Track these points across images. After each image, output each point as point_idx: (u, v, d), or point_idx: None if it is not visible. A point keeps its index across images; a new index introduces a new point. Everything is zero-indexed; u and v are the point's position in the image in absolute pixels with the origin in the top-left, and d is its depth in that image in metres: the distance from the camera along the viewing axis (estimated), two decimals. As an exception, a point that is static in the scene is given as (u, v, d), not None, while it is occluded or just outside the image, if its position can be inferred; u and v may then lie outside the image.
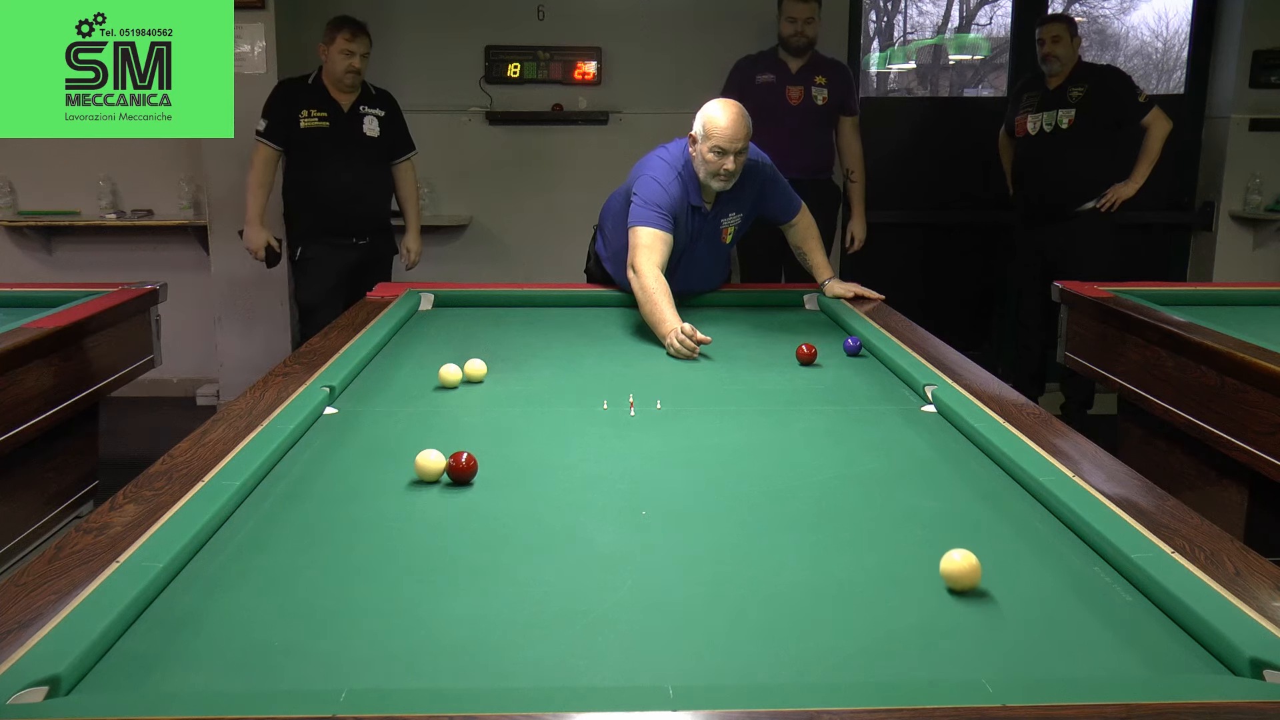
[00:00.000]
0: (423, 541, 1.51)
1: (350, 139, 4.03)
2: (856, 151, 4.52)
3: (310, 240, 4.07)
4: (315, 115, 3.99)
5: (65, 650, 1.10)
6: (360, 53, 3.95)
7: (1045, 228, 4.51)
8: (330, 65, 3.97)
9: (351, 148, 4.04)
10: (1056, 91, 4.39)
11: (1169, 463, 2.90)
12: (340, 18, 3.99)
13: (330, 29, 3.96)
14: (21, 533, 2.80)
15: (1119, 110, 4.35)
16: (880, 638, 1.23)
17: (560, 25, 4.96)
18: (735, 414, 2.16)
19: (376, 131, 4.10)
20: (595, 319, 3.11)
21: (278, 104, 4.02)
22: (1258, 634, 1.15)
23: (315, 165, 4.01)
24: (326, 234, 4.05)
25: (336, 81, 3.98)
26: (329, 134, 4.00)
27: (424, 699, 1.04)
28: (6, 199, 4.98)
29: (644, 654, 1.19)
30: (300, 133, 3.99)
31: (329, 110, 4.01)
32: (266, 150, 4.02)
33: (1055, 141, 4.39)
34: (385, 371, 2.46)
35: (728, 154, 2.93)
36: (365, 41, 3.97)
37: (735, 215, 3.16)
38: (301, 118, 3.98)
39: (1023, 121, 4.49)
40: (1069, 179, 4.40)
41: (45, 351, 2.65)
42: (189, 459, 1.71)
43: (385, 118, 4.13)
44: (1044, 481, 1.62)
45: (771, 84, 4.39)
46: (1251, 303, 3.26)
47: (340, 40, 3.91)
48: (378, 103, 4.13)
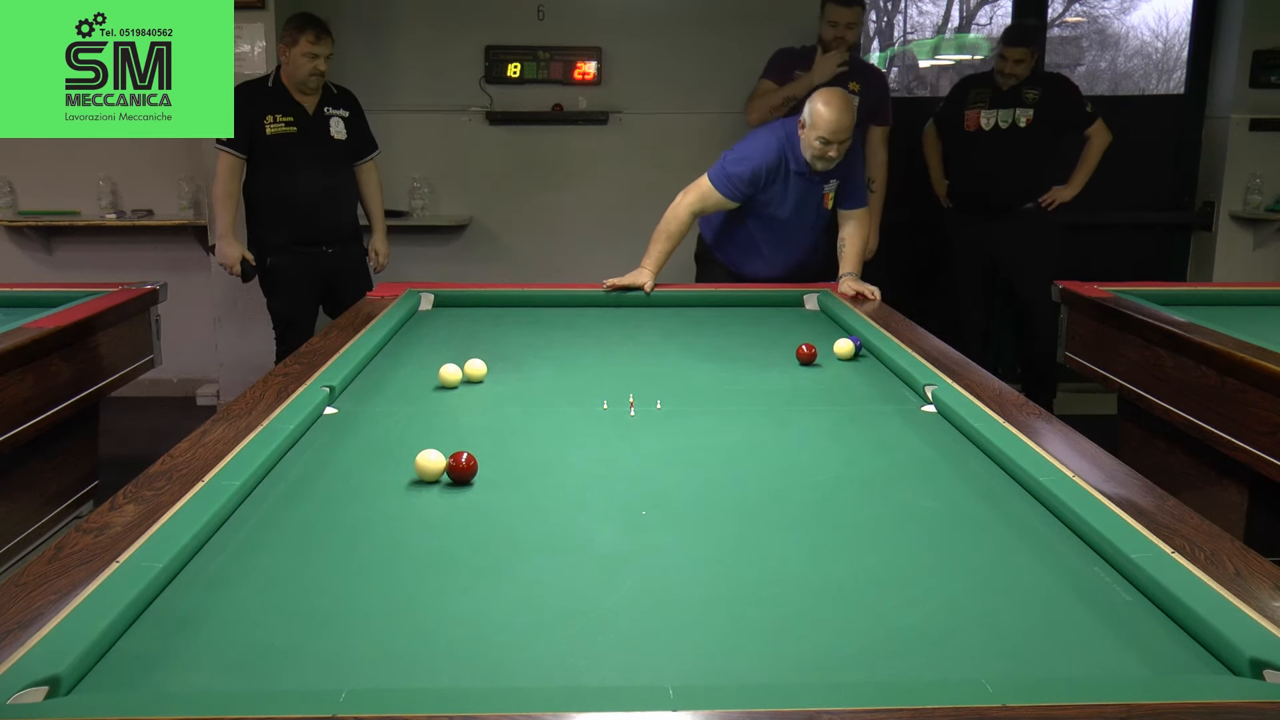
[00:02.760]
0: (423, 541, 1.51)
1: (318, 143, 3.87)
2: (881, 160, 4.52)
3: (278, 250, 3.90)
4: (281, 120, 3.81)
5: (65, 650, 1.10)
6: (325, 54, 3.77)
7: (988, 223, 4.58)
8: (292, 67, 3.78)
9: (320, 152, 3.88)
10: (1011, 92, 4.49)
11: (1169, 463, 2.90)
12: (302, 17, 3.79)
13: (291, 29, 3.75)
14: (21, 533, 2.80)
15: (1069, 115, 4.50)
16: (880, 638, 1.23)
17: (560, 25, 4.96)
18: (735, 414, 2.16)
19: (344, 134, 3.95)
20: (595, 319, 3.11)
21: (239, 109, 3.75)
22: (1258, 634, 1.15)
23: (284, 172, 3.83)
24: (296, 243, 3.89)
25: (299, 84, 3.81)
26: (296, 139, 3.82)
27: (424, 699, 1.04)
28: (6, 199, 4.98)
29: (644, 654, 1.19)
30: (266, 139, 3.79)
31: (294, 114, 3.83)
32: (230, 159, 3.82)
33: (1011, 138, 4.49)
34: (385, 371, 2.46)
35: (831, 144, 3.22)
36: (330, 43, 3.79)
37: (834, 182, 3.43)
38: (267, 124, 3.79)
39: (974, 116, 4.55)
40: (1023, 175, 4.51)
41: (45, 351, 2.65)
42: (189, 459, 1.71)
43: (350, 118, 3.97)
44: (1044, 481, 1.62)
45: None
46: (1251, 303, 3.26)
47: (304, 42, 3.72)
48: (340, 102, 3.96)
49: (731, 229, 3.57)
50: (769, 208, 3.43)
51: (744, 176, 3.36)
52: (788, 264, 3.57)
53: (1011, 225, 4.55)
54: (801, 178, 3.37)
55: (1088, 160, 4.51)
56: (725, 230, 3.60)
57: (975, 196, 4.63)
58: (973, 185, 4.65)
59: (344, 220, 4.03)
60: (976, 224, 4.63)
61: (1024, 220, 4.54)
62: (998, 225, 4.57)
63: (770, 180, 3.38)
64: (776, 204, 3.41)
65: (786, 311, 3.21)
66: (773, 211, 3.44)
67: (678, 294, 3.36)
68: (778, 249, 3.52)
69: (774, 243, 3.51)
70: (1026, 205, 4.53)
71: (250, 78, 3.99)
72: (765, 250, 3.56)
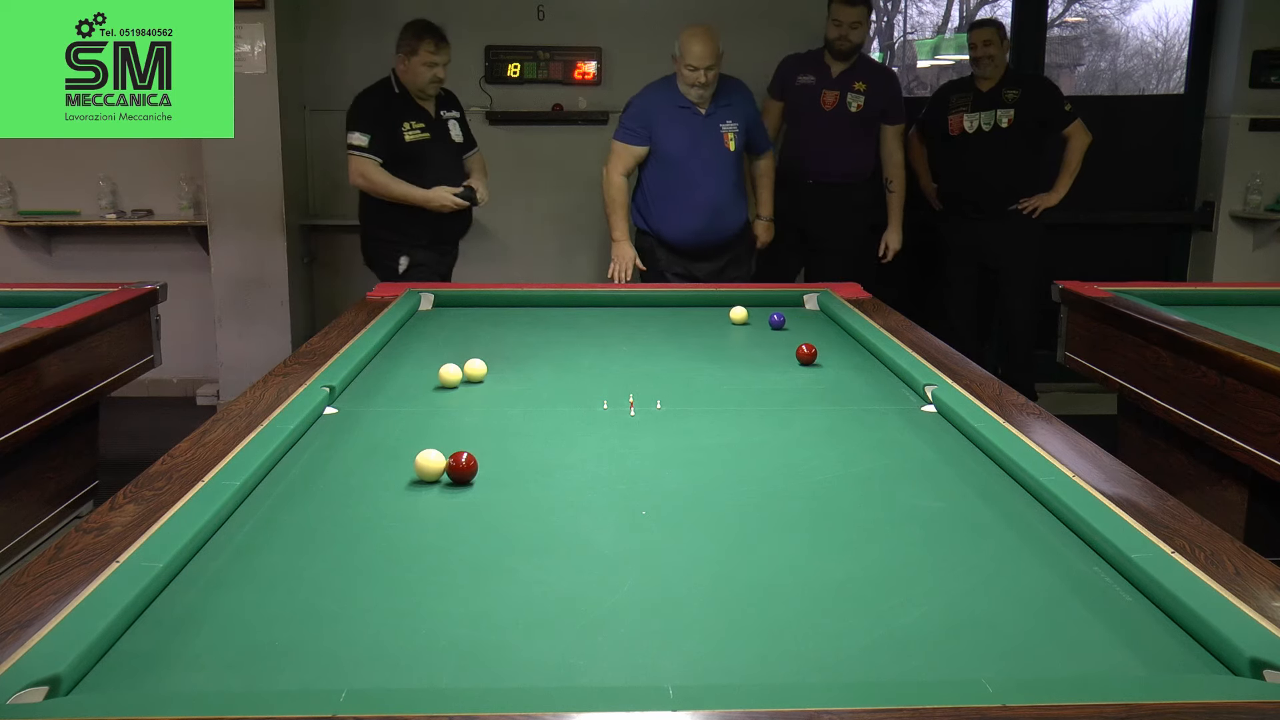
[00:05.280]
0: (423, 541, 1.51)
1: (446, 148, 3.96)
2: (898, 160, 4.53)
3: (418, 248, 3.95)
4: (416, 127, 3.86)
5: (65, 650, 1.10)
6: (444, 62, 3.83)
7: (979, 224, 4.62)
8: (412, 76, 3.82)
9: (447, 155, 3.97)
10: (991, 93, 4.52)
11: (1169, 463, 2.90)
12: (419, 25, 3.84)
13: (410, 39, 3.81)
14: (21, 533, 2.80)
15: (1049, 113, 4.54)
16: (880, 638, 1.23)
17: (560, 25, 4.96)
18: (735, 414, 2.16)
19: (459, 136, 4.03)
20: (595, 319, 3.11)
21: (379, 117, 3.85)
22: (1258, 634, 1.15)
23: (420, 177, 3.87)
24: (435, 242, 3.97)
25: (418, 92, 3.87)
26: (429, 145, 3.89)
27: (424, 699, 1.04)
28: (6, 199, 4.99)
29: (644, 654, 1.19)
30: (405, 146, 3.85)
31: (424, 120, 3.90)
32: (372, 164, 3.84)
33: (994, 140, 4.53)
34: (385, 371, 2.46)
35: (698, 69, 3.74)
36: (448, 50, 3.85)
37: (733, 124, 3.88)
38: (405, 131, 3.84)
39: (957, 120, 4.59)
40: (1008, 175, 4.55)
41: (45, 351, 2.65)
42: (189, 459, 1.71)
43: (460, 119, 4.07)
44: (1044, 481, 1.62)
45: (810, 86, 4.40)
46: (1251, 303, 3.26)
47: (424, 52, 3.78)
48: (451, 104, 4.05)
49: (646, 186, 3.99)
50: (667, 146, 3.88)
51: (635, 115, 3.92)
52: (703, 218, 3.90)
53: (1000, 226, 4.59)
54: (690, 113, 3.84)
55: (1069, 164, 4.55)
56: (643, 193, 4.01)
57: (963, 199, 4.66)
58: (959, 188, 4.68)
59: (471, 217, 4.13)
60: (967, 226, 4.66)
61: (1009, 221, 4.58)
62: (985, 226, 4.61)
63: (660, 114, 3.87)
64: (674, 142, 3.87)
65: (786, 311, 3.21)
66: (672, 151, 3.88)
67: (677, 294, 3.36)
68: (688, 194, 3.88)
69: (682, 186, 3.86)
70: (1013, 207, 4.56)
71: (252, 76, 4.00)
72: (679, 195, 3.89)
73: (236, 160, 4.65)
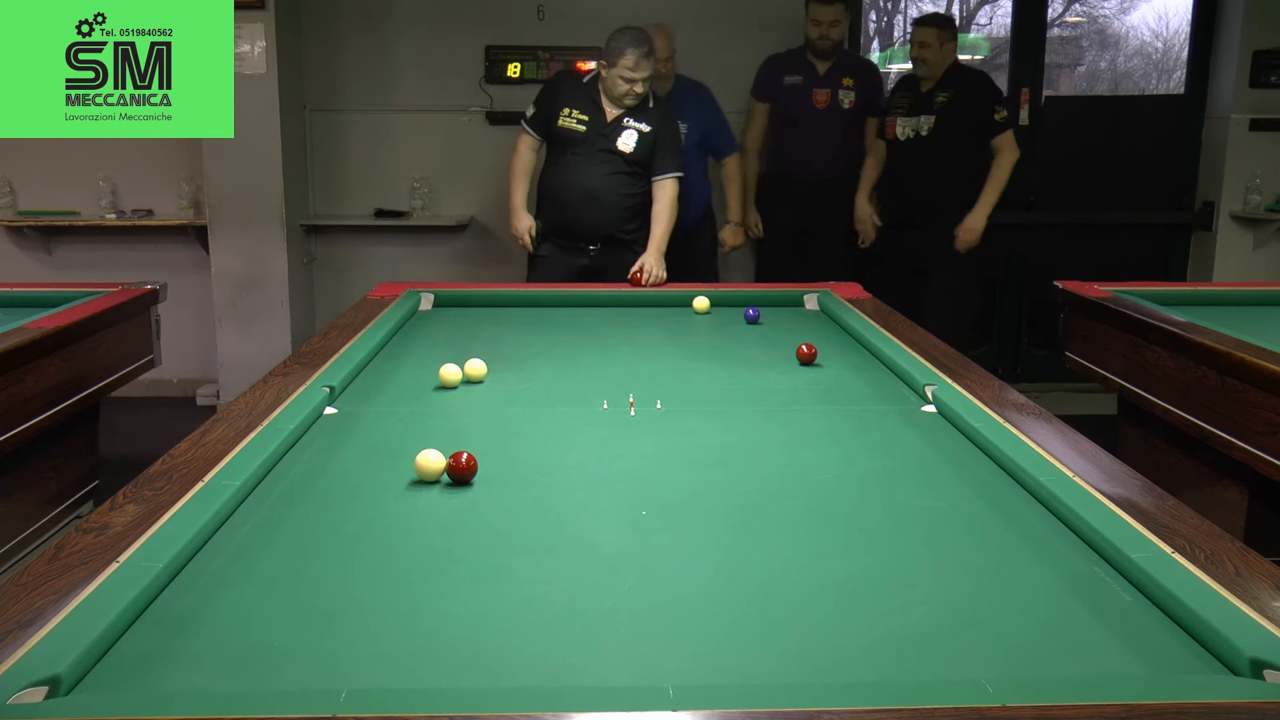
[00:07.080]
0: (423, 541, 1.51)
1: (599, 148, 3.77)
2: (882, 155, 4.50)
3: (545, 238, 3.91)
4: (575, 116, 3.76)
5: (65, 650, 1.10)
6: (642, 78, 3.66)
7: (909, 232, 4.39)
8: (610, 84, 3.70)
9: (596, 156, 3.78)
10: (926, 96, 4.30)
11: (1169, 463, 2.90)
12: (629, 38, 3.66)
13: (614, 49, 3.65)
14: (21, 533, 2.80)
15: (974, 119, 4.24)
16: (880, 638, 1.23)
17: (560, 25, 4.95)
18: (735, 414, 2.16)
19: (631, 147, 3.77)
20: (595, 319, 3.11)
21: (548, 95, 3.85)
22: (1258, 634, 1.15)
23: (559, 165, 3.84)
24: (557, 234, 3.90)
25: (614, 100, 3.74)
26: (579, 137, 3.76)
27: (424, 699, 1.04)
28: (6, 199, 4.98)
29: (644, 654, 1.19)
30: (556, 130, 3.80)
31: (590, 115, 3.75)
32: (528, 138, 3.87)
33: (917, 148, 4.31)
34: (385, 371, 2.46)
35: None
36: (649, 67, 3.66)
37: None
38: (561, 115, 3.77)
39: (892, 124, 4.39)
40: (932, 187, 4.30)
41: (45, 351, 2.65)
42: (189, 459, 1.71)
43: (648, 133, 3.76)
44: (1044, 481, 1.62)
45: (798, 86, 4.39)
46: (1251, 303, 3.26)
47: (623, 66, 3.63)
48: (647, 117, 3.77)
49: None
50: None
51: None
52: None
53: (933, 237, 4.32)
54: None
55: (994, 180, 4.22)
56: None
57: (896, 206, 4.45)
58: (893, 193, 4.47)
59: (605, 224, 3.86)
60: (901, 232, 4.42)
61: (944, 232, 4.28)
62: (917, 235, 4.37)
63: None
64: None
65: (786, 311, 3.21)
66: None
67: (677, 294, 3.36)
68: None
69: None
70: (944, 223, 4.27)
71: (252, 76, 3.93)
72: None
73: (236, 160, 4.64)
